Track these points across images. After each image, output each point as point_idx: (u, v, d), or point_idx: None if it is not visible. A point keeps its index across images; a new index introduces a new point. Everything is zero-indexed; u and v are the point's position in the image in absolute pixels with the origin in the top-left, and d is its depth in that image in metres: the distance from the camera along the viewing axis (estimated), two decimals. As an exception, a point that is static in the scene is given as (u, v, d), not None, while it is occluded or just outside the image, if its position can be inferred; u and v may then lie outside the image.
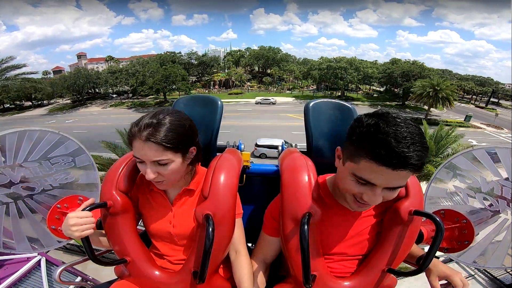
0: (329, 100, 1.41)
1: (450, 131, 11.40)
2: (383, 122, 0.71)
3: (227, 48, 62.83)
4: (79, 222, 0.89)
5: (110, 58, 56.98)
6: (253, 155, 19.27)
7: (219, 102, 1.40)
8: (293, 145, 1.63)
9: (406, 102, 40.37)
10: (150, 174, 0.91)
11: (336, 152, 0.90)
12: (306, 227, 0.83)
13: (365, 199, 0.81)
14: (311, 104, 1.37)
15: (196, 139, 1.03)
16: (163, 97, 42.53)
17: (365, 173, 0.76)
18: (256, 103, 42.62)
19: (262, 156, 19.56)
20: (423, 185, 1.21)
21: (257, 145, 19.82)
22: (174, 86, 41.12)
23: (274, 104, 41.92)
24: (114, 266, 1.06)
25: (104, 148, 10.11)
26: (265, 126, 27.50)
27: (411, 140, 0.68)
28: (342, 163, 0.85)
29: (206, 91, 53.16)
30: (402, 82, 41.17)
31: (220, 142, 1.44)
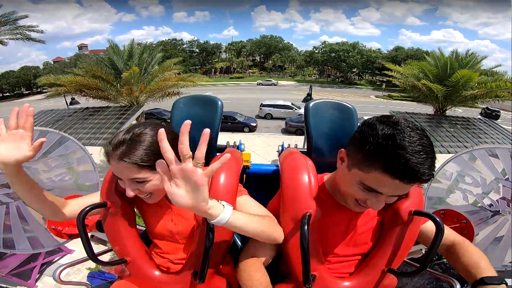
0: (329, 100, 1.39)
1: (468, 53, 12.20)
2: (399, 133, 0.69)
3: (228, 42, 62.16)
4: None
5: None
6: (258, 116, 19.02)
7: (219, 102, 1.39)
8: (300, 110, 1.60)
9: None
10: (129, 192, 0.88)
11: (339, 154, 0.87)
12: (306, 227, 0.83)
13: (368, 204, 0.80)
14: (311, 104, 1.35)
15: None
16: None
17: (375, 184, 0.75)
18: (257, 84, 42.50)
19: (267, 116, 19.18)
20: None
21: (262, 105, 19.50)
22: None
23: (276, 85, 41.66)
24: (114, 266, 1.06)
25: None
26: (267, 98, 26.64)
27: (425, 155, 0.67)
28: (348, 168, 0.82)
29: (207, 77, 52.74)
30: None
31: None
